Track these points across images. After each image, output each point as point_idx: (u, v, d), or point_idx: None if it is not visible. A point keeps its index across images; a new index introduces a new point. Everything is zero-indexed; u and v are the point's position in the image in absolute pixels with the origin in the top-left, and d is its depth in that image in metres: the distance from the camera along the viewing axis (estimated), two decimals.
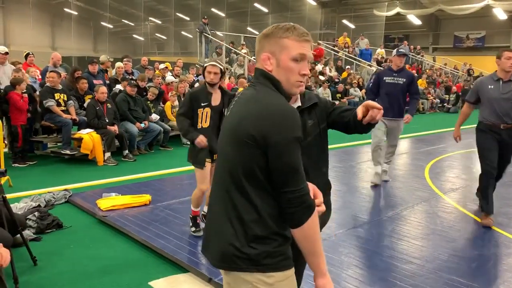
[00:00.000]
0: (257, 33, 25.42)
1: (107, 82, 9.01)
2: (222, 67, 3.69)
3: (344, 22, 28.73)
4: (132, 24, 30.53)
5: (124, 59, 9.89)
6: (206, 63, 3.80)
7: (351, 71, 17.34)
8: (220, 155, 1.60)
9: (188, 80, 10.13)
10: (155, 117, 8.28)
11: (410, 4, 25.99)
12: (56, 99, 7.14)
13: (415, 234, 4.16)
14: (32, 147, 7.39)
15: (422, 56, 22.91)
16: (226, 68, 13.26)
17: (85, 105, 7.67)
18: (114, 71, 9.70)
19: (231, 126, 1.52)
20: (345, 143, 8.87)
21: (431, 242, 3.96)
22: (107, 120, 7.24)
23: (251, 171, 1.46)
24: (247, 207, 1.48)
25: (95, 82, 8.29)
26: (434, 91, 18.75)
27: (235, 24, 29.04)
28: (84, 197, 5.09)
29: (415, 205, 5.05)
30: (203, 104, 3.69)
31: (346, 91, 15.30)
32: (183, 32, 30.59)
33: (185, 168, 6.55)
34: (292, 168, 1.43)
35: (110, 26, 29.32)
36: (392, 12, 25.80)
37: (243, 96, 1.59)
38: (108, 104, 7.36)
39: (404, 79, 5.63)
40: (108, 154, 7.08)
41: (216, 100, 3.76)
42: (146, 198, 4.91)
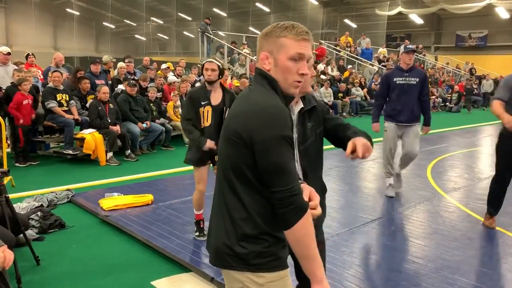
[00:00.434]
0: (259, 33, 25.37)
1: (109, 82, 9.03)
2: (219, 63, 3.62)
3: (346, 21, 28.70)
4: (134, 24, 30.57)
5: (126, 60, 9.90)
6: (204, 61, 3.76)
7: (353, 71, 17.33)
8: (218, 153, 1.61)
9: (190, 80, 10.13)
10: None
11: (412, 3, 25.95)
12: (58, 99, 7.16)
13: (417, 233, 4.16)
14: (35, 147, 7.41)
15: (424, 55, 22.87)
16: (228, 68, 13.26)
17: (87, 105, 7.69)
18: (116, 71, 9.71)
19: (224, 124, 1.54)
20: None
21: (434, 241, 3.96)
22: (109, 120, 7.25)
23: (240, 170, 1.45)
24: (236, 205, 1.48)
25: (97, 82, 8.30)
26: (437, 90, 18.72)
27: (237, 24, 29.05)
28: (87, 197, 5.10)
29: (417, 204, 5.05)
30: (203, 102, 3.65)
31: (348, 91, 15.31)
32: (185, 32, 30.61)
33: (187, 168, 6.51)
34: (279, 168, 1.39)
35: (112, 26, 29.36)
36: (394, 12, 25.77)
37: (240, 95, 1.61)
38: (110, 104, 7.38)
39: (417, 79, 5.08)
40: (110, 154, 7.10)
41: (216, 99, 3.68)
42: (148, 198, 4.93)
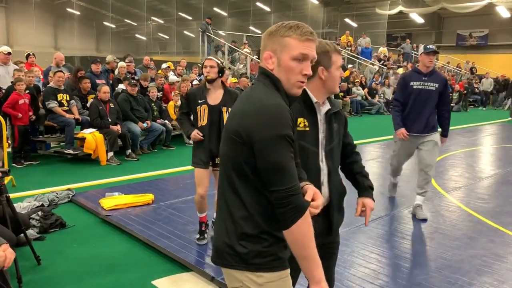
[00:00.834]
0: (259, 32, 25.41)
1: (111, 82, 9.02)
2: (219, 61, 3.59)
3: (347, 20, 28.65)
4: (135, 23, 30.57)
5: (127, 59, 9.90)
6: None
7: (354, 70, 17.32)
8: (219, 152, 1.61)
9: (191, 80, 10.13)
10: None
11: (413, 2, 25.90)
12: (59, 99, 7.16)
13: (418, 232, 4.16)
14: (35, 147, 7.42)
15: None
16: (228, 68, 13.24)
17: (88, 104, 7.69)
18: (116, 70, 9.71)
19: (225, 124, 1.55)
20: None
21: (434, 240, 3.96)
22: (110, 120, 7.25)
23: (240, 168, 1.45)
24: (237, 204, 1.47)
25: (98, 81, 8.31)
26: None
27: (238, 23, 29.03)
28: (87, 196, 5.11)
29: None
30: (200, 101, 3.62)
31: (348, 90, 15.29)
32: (185, 32, 30.59)
33: (187, 167, 6.53)
34: (277, 167, 1.38)
35: (113, 26, 29.35)
36: (394, 11, 25.72)
37: (242, 94, 1.61)
38: (111, 104, 7.38)
39: (437, 84, 4.42)
40: (111, 154, 7.10)
41: (215, 99, 3.62)
42: (149, 197, 4.93)
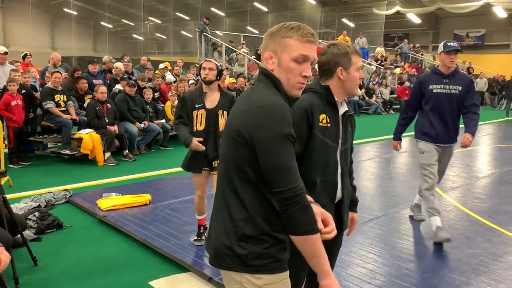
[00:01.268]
0: (257, 32, 25.41)
1: (108, 82, 9.00)
2: (217, 63, 3.55)
3: (344, 21, 28.71)
4: (132, 24, 30.55)
5: (125, 59, 9.88)
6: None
7: None
8: (219, 153, 1.61)
9: (188, 80, 10.12)
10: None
11: (410, 2, 25.96)
12: (56, 100, 7.14)
13: (415, 232, 4.17)
14: (32, 147, 7.40)
15: (422, 54, 22.86)
16: (226, 68, 13.23)
17: (85, 105, 7.67)
18: (113, 71, 9.69)
19: (225, 124, 1.55)
20: None
21: (432, 240, 3.96)
22: (107, 120, 7.24)
23: (241, 169, 1.45)
24: (237, 205, 1.47)
25: (95, 82, 8.29)
26: None
27: (235, 24, 29.04)
28: (84, 197, 5.09)
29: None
30: (197, 106, 3.52)
31: None
32: (182, 32, 30.58)
33: None
34: (279, 166, 1.38)
35: (110, 26, 29.32)
36: (391, 11, 25.79)
37: (242, 94, 1.61)
38: (108, 104, 7.36)
39: (460, 87, 3.86)
40: (108, 154, 7.09)
41: (212, 102, 3.54)
42: (146, 198, 4.92)
